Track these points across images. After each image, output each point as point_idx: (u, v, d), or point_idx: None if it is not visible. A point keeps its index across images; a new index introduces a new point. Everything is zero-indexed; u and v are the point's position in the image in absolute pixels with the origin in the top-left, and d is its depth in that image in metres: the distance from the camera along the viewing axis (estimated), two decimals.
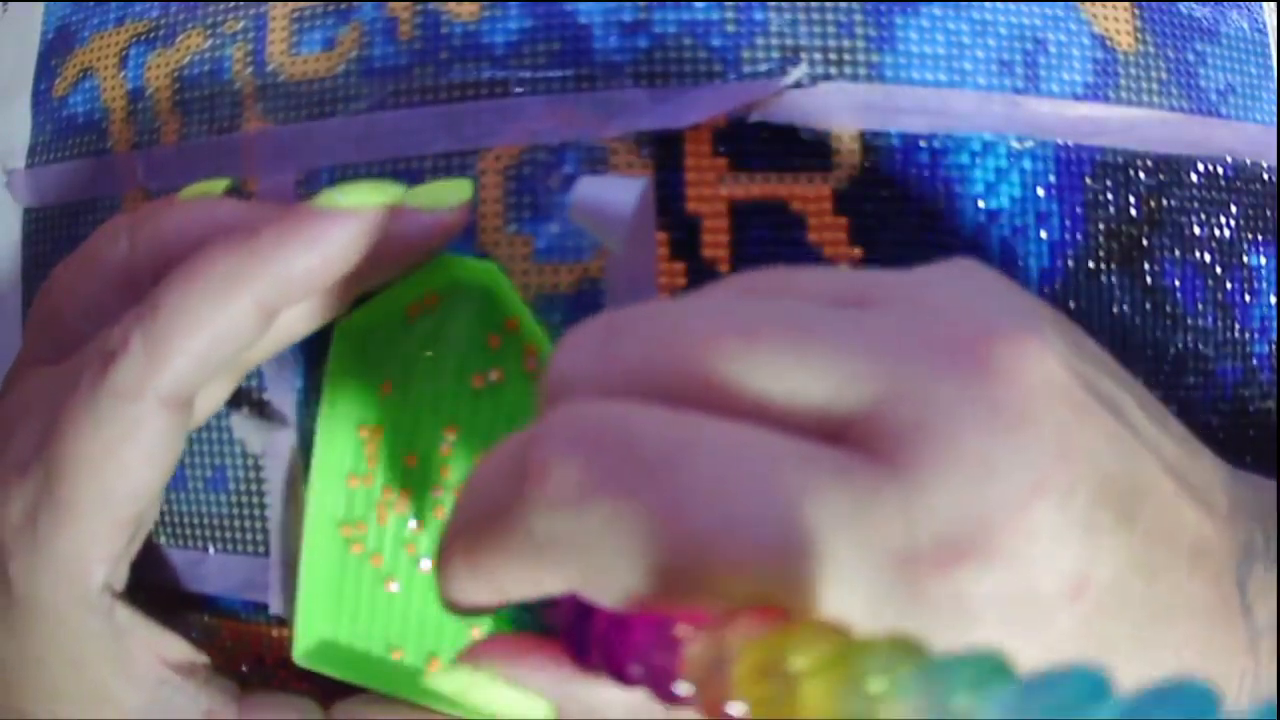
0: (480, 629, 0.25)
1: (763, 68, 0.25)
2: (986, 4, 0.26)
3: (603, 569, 0.15)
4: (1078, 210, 0.26)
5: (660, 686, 0.15)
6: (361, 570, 0.26)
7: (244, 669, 0.28)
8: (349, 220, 0.22)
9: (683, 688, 0.15)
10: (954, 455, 0.14)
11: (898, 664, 0.12)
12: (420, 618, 0.26)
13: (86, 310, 0.24)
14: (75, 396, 0.22)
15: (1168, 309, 0.26)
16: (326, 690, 0.26)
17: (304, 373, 0.27)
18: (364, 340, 0.26)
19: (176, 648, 0.24)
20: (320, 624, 0.26)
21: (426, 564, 0.26)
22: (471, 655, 0.18)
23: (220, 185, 0.26)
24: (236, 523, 0.27)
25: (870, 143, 0.25)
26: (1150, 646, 0.16)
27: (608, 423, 0.16)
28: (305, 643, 0.26)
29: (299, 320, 0.24)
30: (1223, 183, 0.27)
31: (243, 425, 0.27)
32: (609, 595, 0.15)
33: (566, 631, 0.17)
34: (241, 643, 0.28)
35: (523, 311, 0.24)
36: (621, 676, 0.16)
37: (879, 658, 0.12)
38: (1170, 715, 0.10)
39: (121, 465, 0.22)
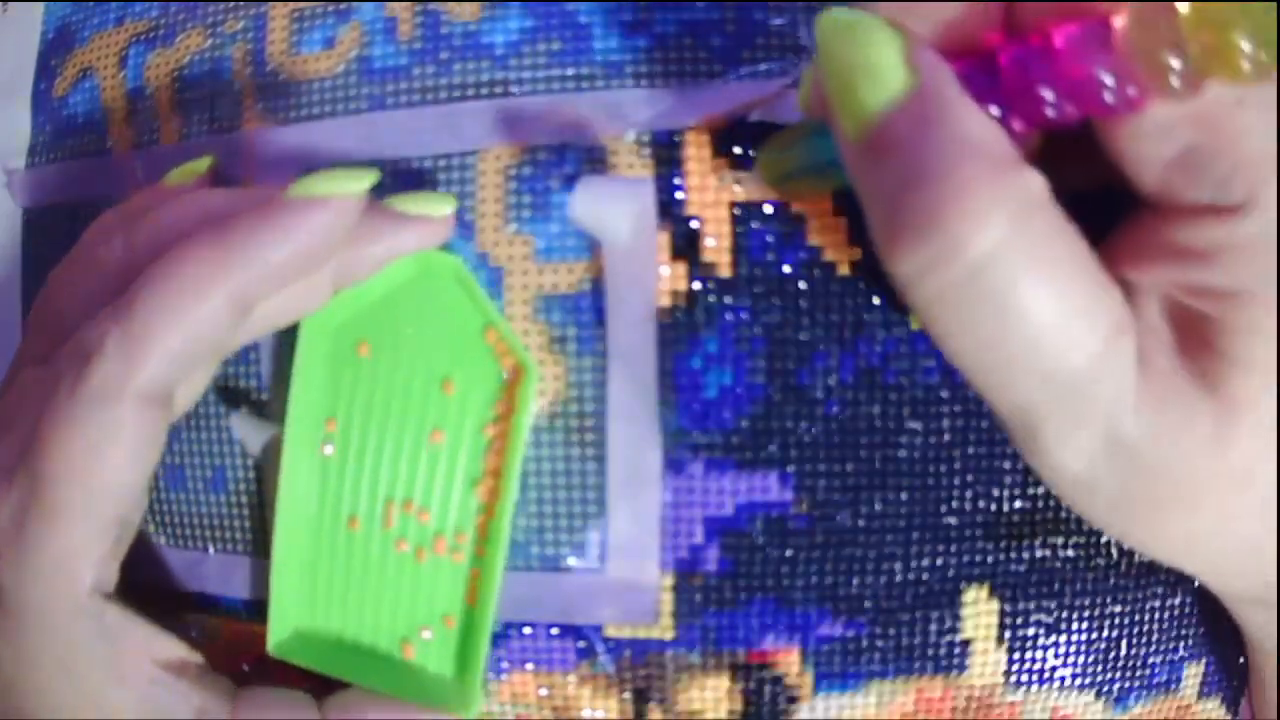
0: (454, 618, 0.26)
1: (763, 68, 0.25)
2: None
3: None
4: None
5: (1109, 90, 0.17)
6: (335, 560, 0.26)
7: (244, 669, 0.28)
8: (324, 208, 0.22)
9: (1131, 89, 0.17)
10: None
11: None
12: (394, 605, 0.26)
13: (87, 311, 0.24)
14: (56, 399, 0.22)
15: None
16: (327, 690, 0.26)
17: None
18: (332, 334, 0.26)
19: (168, 646, 0.24)
20: (294, 615, 0.26)
21: (403, 548, 0.26)
22: None
23: (204, 164, 0.26)
24: (236, 523, 0.27)
25: None
26: None
27: None
28: (280, 634, 0.26)
29: (280, 309, 0.24)
30: None
31: (243, 425, 0.27)
32: None
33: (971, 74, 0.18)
34: (241, 643, 0.28)
35: (486, 304, 0.25)
36: (1066, 87, 0.17)
37: None
38: None
39: (105, 466, 0.22)
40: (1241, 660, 0.27)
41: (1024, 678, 0.26)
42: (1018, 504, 0.25)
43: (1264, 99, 0.17)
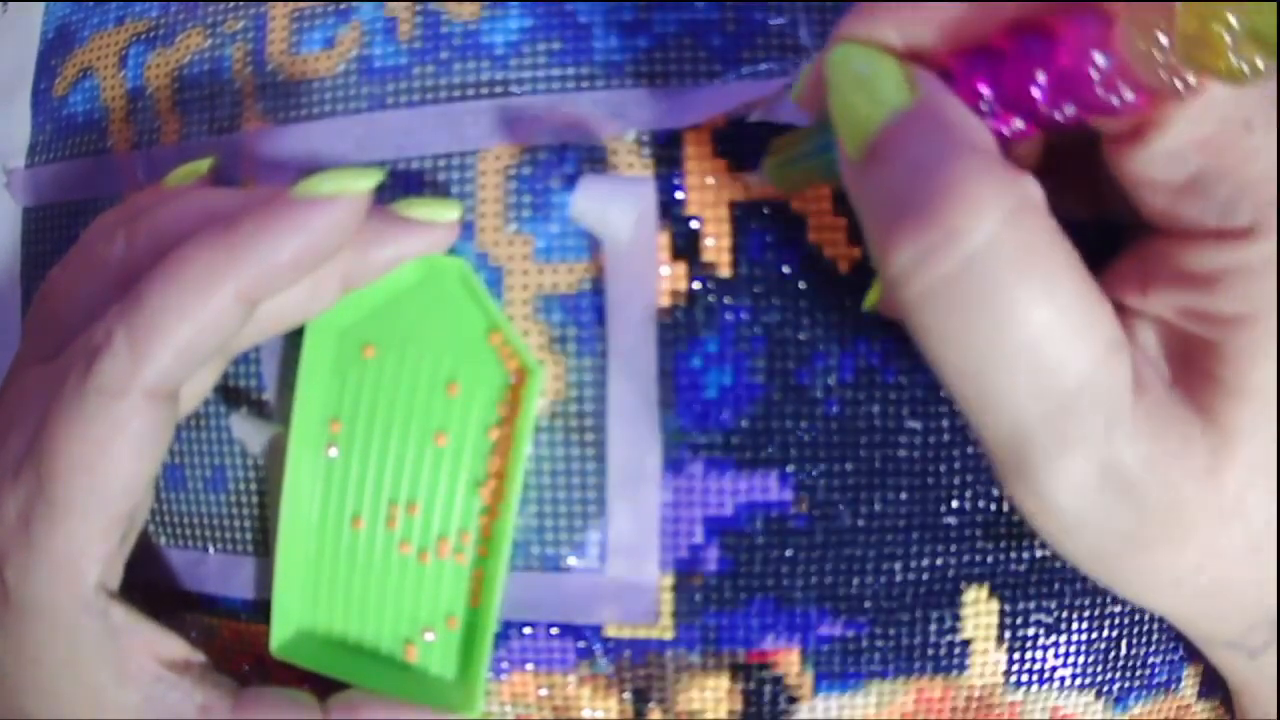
0: (457, 619, 0.26)
1: (763, 68, 0.25)
2: None
3: None
4: None
5: (1106, 91, 0.17)
6: (338, 561, 0.26)
7: (244, 669, 0.28)
8: (330, 207, 0.22)
9: (1127, 93, 0.17)
10: None
11: None
12: (397, 606, 0.26)
13: (87, 310, 0.24)
14: (62, 395, 0.22)
15: None
16: (326, 689, 0.26)
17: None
18: (337, 336, 0.26)
19: (172, 645, 0.24)
20: (297, 616, 0.26)
21: (406, 550, 0.26)
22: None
23: (205, 165, 0.26)
24: (236, 523, 0.27)
25: None
26: None
27: None
28: (282, 635, 0.26)
29: (286, 310, 0.24)
30: None
31: (243, 425, 0.27)
32: None
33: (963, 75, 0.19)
34: (241, 643, 0.28)
35: (491, 307, 0.25)
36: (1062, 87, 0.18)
37: None
38: None
39: (111, 461, 0.22)
40: None
41: (1024, 678, 0.26)
42: None
43: (1271, 123, 0.17)
